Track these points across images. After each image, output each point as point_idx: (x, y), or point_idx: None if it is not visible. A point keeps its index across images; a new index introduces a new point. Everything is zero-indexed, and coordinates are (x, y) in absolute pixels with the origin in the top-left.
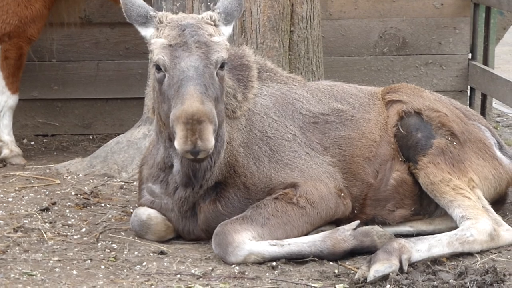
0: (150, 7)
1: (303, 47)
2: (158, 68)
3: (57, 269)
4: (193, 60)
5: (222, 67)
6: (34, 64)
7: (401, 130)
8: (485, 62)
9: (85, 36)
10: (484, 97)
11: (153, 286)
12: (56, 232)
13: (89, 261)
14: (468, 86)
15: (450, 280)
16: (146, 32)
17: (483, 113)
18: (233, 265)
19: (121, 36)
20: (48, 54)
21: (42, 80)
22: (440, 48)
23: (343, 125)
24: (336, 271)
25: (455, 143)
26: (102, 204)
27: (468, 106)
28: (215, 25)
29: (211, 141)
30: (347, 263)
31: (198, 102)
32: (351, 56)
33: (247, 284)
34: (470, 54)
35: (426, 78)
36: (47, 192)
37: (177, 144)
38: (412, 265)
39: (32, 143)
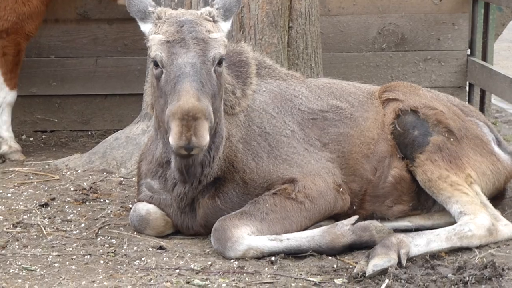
0: (151, 2)
1: (302, 43)
2: (156, 64)
3: (56, 264)
4: (190, 56)
5: (220, 63)
6: (32, 60)
7: (398, 128)
8: (484, 58)
9: (83, 32)
10: (483, 93)
11: (152, 281)
12: (55, 228)
13: (88, 256)
14: (467, 82)
15: (448, 275)
16: (145, 27)
17: (481, 109)
18: (232, 260)
19: (120, 32)
20: (47, 51)
21: (41, 76)
22: (439, 44)
23: (342, 123)
24: (335, 266)
25: (452, 139)
26: (101, 200)
27: (466, 102)
28: (214, 21)
29: (205, 138)
30: (345, 257)
31: (194, 98)
32: (349, 52)
33: (246, 279)
34: (469, 50)
35: (425, 74)
36: (46, 188)
37: (172, 139)
38: (410, 259)
39: (31, 139)
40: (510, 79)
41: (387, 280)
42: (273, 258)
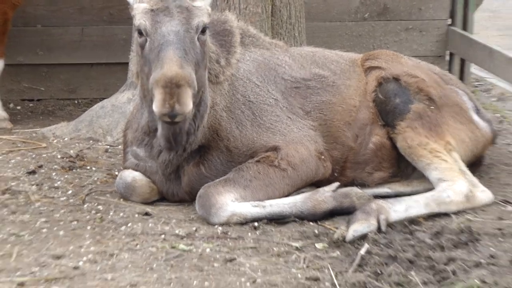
0: None
1: (286, 12)
2: (140, 32)
3: (44, 230)
4: (173, 24)
5: (203, 31)
6: (19, 29)
7: (380, 96)
8: (464, 27)
9: (69, 1)
10: (462, 62)
11: (138, 246)
12: (43, 194)
13: (75, 222)
14: (448, 51)
15: (426, 239)
16: None
17: (461, 77)
18: (216, 226)
19: (105, 2)
20: (33, 20)
21: (28, 45)
22: (420, 13)
23: (324, 91)
24: (316, 231)
25: (432, 107)
26: (88, 167)
27: (447, 71)
28: None
29: (188, 105)
30: (326, 223)
31: (177, 66)
32: (332, 22)
33: (230, 244)
34: (449, 20)
35: (406, 44)
36: (34, 156)
37: (155, 107)
38: (390, 225)
39: (19, 107)
40: (489, 49)
41: (366, 245)
42: (256, 223)
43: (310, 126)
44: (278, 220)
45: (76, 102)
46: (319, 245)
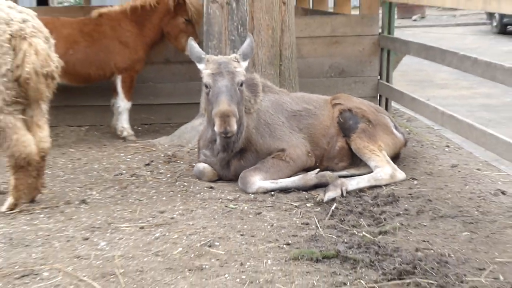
0: (203, 52)
1: (287, 73)
2: (206, 86)
3: (154, 197)
4: (225, 81)
5: (241, 85)
6: (139, 85)
7: (341, 120)
8: (387, 81)
9: (167, 69)
10: (387, 100)
11: (206, 206)
12: (153, 177)
13: (171, 192)
14: (378, 94)
15: (369, 200)
16: (200, 66)
17: (386, 109)
18: (250, 194)
19: (187, 69)
20: (147, 80)
21: (144, 93)
22: (362, 73)
23: (310, 117)
24: (307, 196)
25: (370, 126)
26: (178, 161)
27: (378, 105)
28: (238, 61)
29: (234, 127)
30: (313, 192)
31: (227, 105)
32: (313, 78)
33: (258, 204)
34: (379, 76)
35: (355, 90)
36: (148, 155)
37: (216, 128)
38: (348, 192)
39: (139, 128)
40: (401, 92)
41: (335, 204)
42: (272, 192)
43: (302, 137)
44: (285, 190)
45: (171, 125)
46: (308, 204)
